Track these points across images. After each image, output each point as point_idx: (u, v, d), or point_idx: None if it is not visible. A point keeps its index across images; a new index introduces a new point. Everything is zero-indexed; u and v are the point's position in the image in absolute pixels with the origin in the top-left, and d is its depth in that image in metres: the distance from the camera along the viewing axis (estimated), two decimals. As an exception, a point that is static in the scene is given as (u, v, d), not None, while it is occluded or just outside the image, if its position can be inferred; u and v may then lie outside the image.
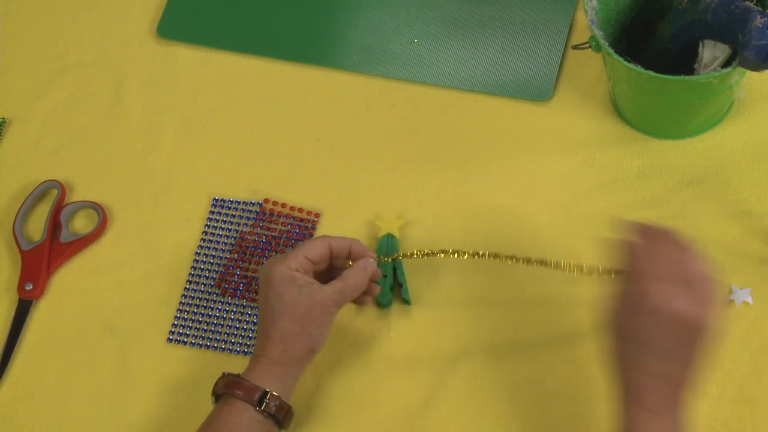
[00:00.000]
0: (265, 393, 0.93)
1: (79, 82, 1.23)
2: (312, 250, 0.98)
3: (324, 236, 1.00)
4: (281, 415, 0.94)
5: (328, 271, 1.02)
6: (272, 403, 0.93)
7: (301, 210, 1.12)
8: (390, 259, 1.04)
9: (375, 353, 1.05)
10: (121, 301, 1.10)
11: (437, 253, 1.02)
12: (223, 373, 0.97)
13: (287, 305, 0.95)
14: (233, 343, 1.07)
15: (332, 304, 0.96)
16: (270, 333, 0.95)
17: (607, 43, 1.00)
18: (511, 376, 1.02)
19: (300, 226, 1.12)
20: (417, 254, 1.03)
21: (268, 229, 1.12)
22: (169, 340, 1.08)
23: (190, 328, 1.08)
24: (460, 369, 1.02)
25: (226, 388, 0.94)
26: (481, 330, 1.04)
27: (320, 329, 0.96)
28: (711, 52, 1.00)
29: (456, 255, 1.02)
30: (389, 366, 1.04)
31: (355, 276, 0.98)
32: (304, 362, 0.97)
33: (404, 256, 1.03)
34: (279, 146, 1.16)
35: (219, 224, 1.13)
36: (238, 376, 0.95)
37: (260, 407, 0.93)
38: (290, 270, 0.96)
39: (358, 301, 1.02)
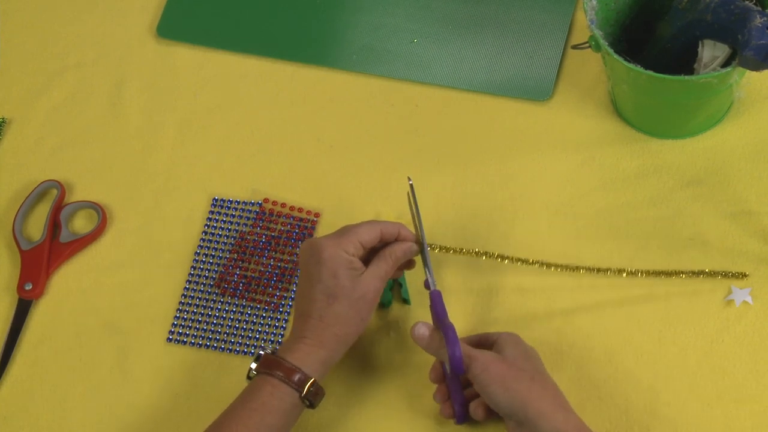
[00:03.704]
0: (309, 379, 0.93)
1: (79, 82, 1.23)
2: (367, 235, 0.98)
3: (374, 221, 1.00)
4: (317, 400, 0.95)
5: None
6: (312, 389, 0.93)
7: (300, 210, 1.12)
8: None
9: (375, 353, 1.05)
10: (121, 301, 1.10)
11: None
12: (264, 352, 0.95)
13: (345, 288, 0.95)
14: (233, 343, 1.07)
15: (381, 286, 0.97)
16: (322, 315, 0.94)
17: (606, 43, 1.00)
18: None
19: (300, 226, 1.12)
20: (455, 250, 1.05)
21: (268, 229, 1.12)
22: (169, 339, 1.08)
23: (190, 327, 1.08)
24: (460, 369, 1.02)
25: (269, 368, 0.93)
26: (480, 330, 1.04)
27: (370, 312, 0.97)
28: (711, 51, 1.00)
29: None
30: (389, 366, 1.04)
31: (397, 257, 0.99)
32: (348, 345, 0.96)
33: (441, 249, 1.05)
34: (279, 146, 1.16)
35: (219, 224, 1.13)
36: (278, 356, 0.94)
37: (302, 393, 0.93)
38: (347, 254, 0.96)
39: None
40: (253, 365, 0.95)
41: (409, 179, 1.01)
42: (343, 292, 0.95)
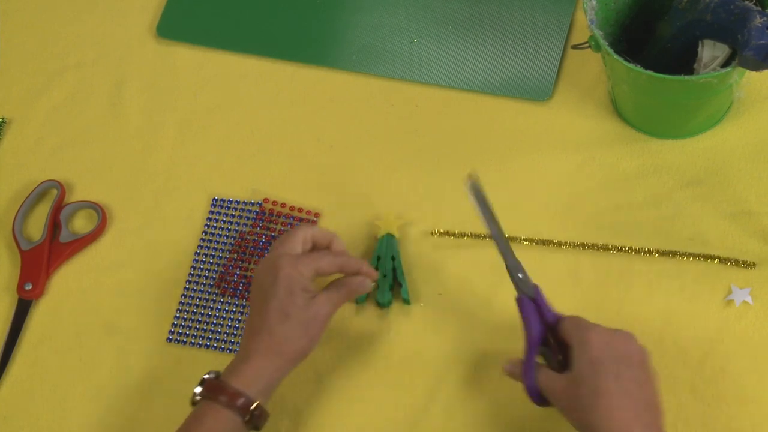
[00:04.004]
0: (254, 404, 0.92)
1: (79, 82, 1.23)
2: (327, 266, 0.98)
3: (339, 255, 1.00)
4: (262, 423, 0.94)
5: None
6: (257, 413, 0.92)
7: (300, 210, 1.12)
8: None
9: (375, 353, 1.05)
10: (121, 301, 1.10)
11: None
12: (208, 377, 0.94)
13: (298, 307, 0.95)
14: (233, 343, 1.07)
15: (332, 312, 0.97)
16: (273, 331, 0.94)
17: (606, 43, 1.00)
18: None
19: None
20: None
21: (268, 229, 1.12)
22: (169, 339, 1.08)
23: (190, 327, 1.08)
24: (460, 368, 1.02)
25: (212, 393, 0.92)
26: (480, 329, 1.04)
27: (319, 334, 0.96)
28: (710, 51, 1.00)
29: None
30: (389, 366, 1.04)
31: (353, 289, 0.99)
32: (294, 364, 0.96)
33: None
34: (279, 146, 1.16)
35: (219, 224, 1.13)
36: (222, 380, 0.93)
37: (247, 418, 0.92)
38: (303, 277, 0.96)
39: None
40: (197, 390, 0.94)
41: (470, 177, 0.99)
42: (296, 311, 0.94)
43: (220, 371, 0.95)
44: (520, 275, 0.96)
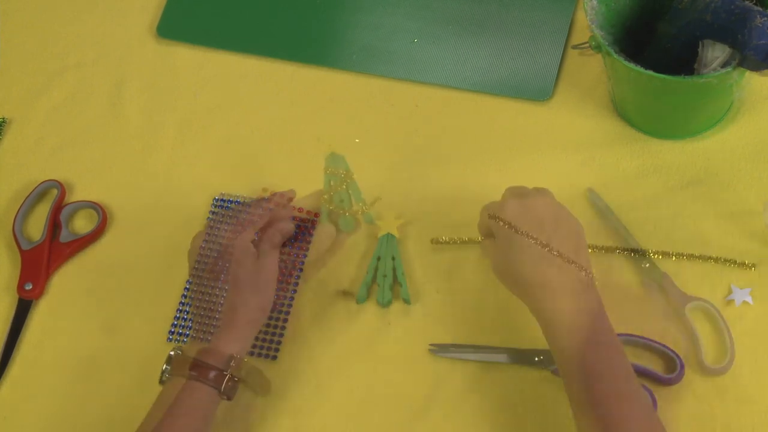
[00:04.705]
0: (225, 376, 0.94)
1: (79, 82, 1.23)
2: (260, 219, 1.04)
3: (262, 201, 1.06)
4: (234, 393, 0.96)
5: None
6: (230, 384, 0.95)
7: (301, 210, 1.12)
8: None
9: (375, 353, 1.05)
10: (121, 301, 1.10)
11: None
12: (175, 353, 0.97)
13: (249, 273, 0.99)
14: (233, 343, 1.07)
15: (277, 261, 1.02)
16: (264, 305, 0.99)
17: (607, 43, 1.00)
18: (510, 376, 1.01)
19: (300, 226, 1.11)
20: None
21: (268, 229, 1.12)
22: (169, 339, 1.08)
23: (190, 327, 1.08)
24: (460, 368, 1.02)
25: (183, 369, 0.95)
26: (480, 329, 1.04)
27: (273, 289, 1.01)
28: (711, 52, 1.00)
29: None
30: (389, 365, 1.04)
31: (275, 239, 1.03)
32: (258, 329, 1.00)
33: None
34: (279, 146, 1.16)
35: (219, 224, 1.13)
36: (192, 355, 0.95)
37: (221, 389, 0.94)
38: (243, 240, 1.01)
39: None
40: (166, 367, 0.96)
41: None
42: (247, 277, 0.99)
43: (181, 347, 0.97)
44: (644, 265, 1.03)
